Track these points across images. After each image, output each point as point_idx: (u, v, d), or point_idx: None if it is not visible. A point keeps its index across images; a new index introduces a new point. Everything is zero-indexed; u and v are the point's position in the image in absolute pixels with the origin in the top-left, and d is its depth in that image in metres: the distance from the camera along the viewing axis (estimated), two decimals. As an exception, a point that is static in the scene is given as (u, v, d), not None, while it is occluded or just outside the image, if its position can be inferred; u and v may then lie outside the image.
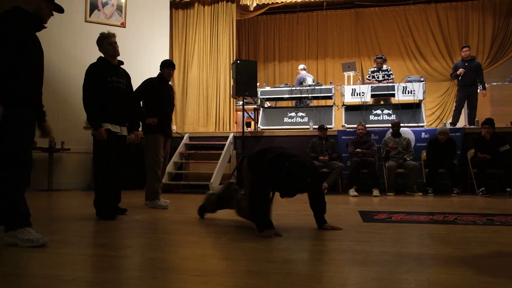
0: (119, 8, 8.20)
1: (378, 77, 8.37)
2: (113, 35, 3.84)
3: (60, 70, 7.49)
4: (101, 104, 3.68)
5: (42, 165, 7.24)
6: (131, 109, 4.01)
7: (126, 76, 3.98)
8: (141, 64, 7.61)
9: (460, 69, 7.63)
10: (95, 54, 3.89)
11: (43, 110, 2.88)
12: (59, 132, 7.14)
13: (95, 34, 3.90)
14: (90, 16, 7.87)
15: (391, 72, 8.45)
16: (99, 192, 3.72)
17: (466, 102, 7.83)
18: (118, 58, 3.90)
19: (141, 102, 4.74)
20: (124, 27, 8.20)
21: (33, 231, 2.52)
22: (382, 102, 8.41)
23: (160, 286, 1.74)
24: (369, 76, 8.54)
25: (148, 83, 4.78)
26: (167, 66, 4.84)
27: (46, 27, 2.79)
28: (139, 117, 4.31)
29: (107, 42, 3.78)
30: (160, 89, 4.82)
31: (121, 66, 3.95)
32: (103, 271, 1.95)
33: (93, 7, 7.94)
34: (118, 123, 3.82)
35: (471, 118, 7.78)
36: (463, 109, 8.05)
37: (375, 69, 8.50)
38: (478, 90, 7.80)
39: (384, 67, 8.45)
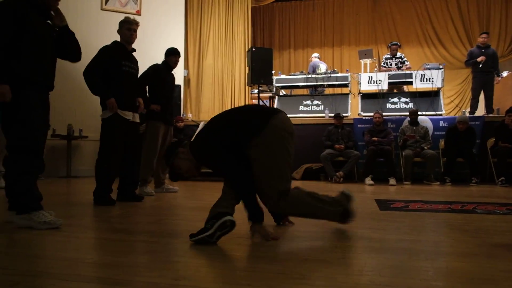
0: (135, -4, 8.21)
1: (391, 65, 8.24)
2: (136, 23, 3.87)
3: (77, 58, 7.55)
4: (115, 88, 3.65)
5: (61, 152, 7.38)
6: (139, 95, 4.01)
7: (137, 63, 3.99)
8: (156, 52, 7.56)
9: (482, 57, 7.45)
10: (111, 41, 3.90)
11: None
12: (77, 119, 7.25)
13: (110, 22, 3.92)
14: (106, 4, 7.90)
15: (406, 59, 8.30)
16: (102, 180, 3.67)
17: (482, 90, 7.66)
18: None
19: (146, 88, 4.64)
20: (139, 15, 8.20)
21: (47, 213, 2.58)
22: (395, 90, 8.27)
23: (178, 270, 1.76)
24: (384, 64, 8.41)
25: (156, 69, 4.72)
26: (174, 54, 4.82)
27: (53, 14, 2.73)
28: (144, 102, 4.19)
29: (126, 27, 3.82)
30: (165, 76, 4.78)
31: (133, 53, 3.95)
32: (122, 254, 1.98)
33: (109, -5, 7.97)
34: (130, 109, 3.81)
35: (488, 107, 7.62)
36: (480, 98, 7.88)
37: (389, 56, 8.36)
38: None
39: (398, 54, 8.31)
